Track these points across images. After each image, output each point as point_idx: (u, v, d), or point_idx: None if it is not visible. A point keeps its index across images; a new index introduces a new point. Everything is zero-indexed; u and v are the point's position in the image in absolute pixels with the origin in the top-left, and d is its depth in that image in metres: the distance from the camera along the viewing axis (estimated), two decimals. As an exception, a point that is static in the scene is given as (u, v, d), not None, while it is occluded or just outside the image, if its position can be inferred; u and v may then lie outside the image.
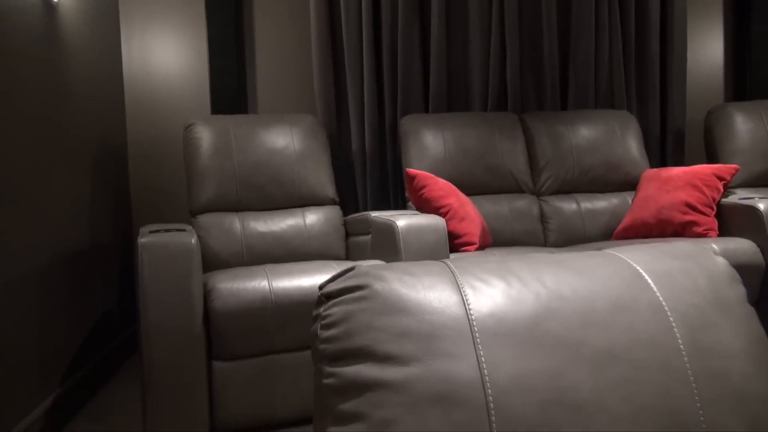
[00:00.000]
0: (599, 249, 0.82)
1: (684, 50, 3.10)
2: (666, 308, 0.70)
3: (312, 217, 2.40)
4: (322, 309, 0.70)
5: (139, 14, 2.86)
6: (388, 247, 1.97)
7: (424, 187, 2.23)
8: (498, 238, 2.53)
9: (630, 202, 2.68)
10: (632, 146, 2.79)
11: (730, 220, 2.33)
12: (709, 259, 0.78)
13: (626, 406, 0.63)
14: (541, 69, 3.00)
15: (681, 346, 0.67)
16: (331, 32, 2.89)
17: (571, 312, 0.68)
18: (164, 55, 2.89)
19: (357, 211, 2.73)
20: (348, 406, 0.64)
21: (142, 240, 1.67)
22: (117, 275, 2.70)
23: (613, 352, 0.66)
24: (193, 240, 1.70)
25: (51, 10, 2.07)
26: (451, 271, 0.72)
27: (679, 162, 3.13)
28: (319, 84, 2.86)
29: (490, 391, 0.62)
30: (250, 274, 1.79)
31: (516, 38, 2.93)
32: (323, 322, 0.69)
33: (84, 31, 2.39)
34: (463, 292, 0.69)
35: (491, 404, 0.61)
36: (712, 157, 2.89)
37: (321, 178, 2.46)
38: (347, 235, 2.48)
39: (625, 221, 2.53)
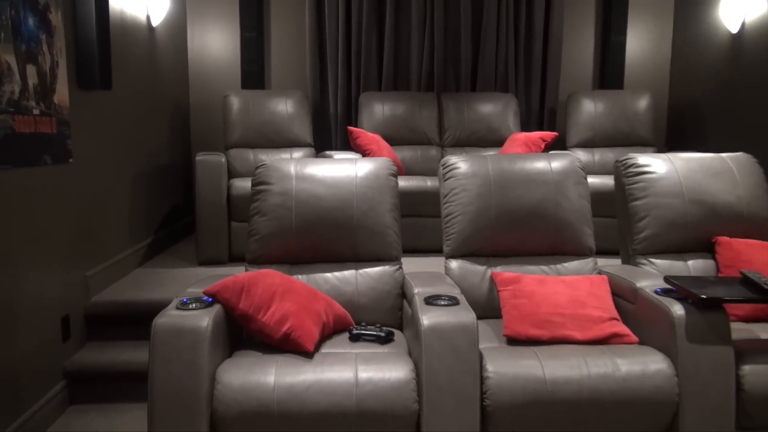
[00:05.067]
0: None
1: (559, 53, 4.51)
2: (356, 176, 2.30)
3: (296, 153, 4.03)
4: (255, 171, 2.35)
5: (198, 24, 4.49)
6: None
7: (357, 137, 3.82)
8: (410, 172, 4.12)
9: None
10: (508, 118, 4.28)
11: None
12: (383, 162, 2.38)
13: (335, 199, 2.25)
14: (459, 62, 4.49)
15: (355, 185, 2.28)
16: (319, 35, 4.45)
17: (329, 173, 2.29)
18: (213, 49, 4.52)
19: (332, 150, 4.34)
20: (256, 197, 2.29)
21: (198, 158, 3.34)
22: (182, 182, 4.42)
23: (333, 184, 2.27)
24: (222, 160, 3.36)
25: (152, 29, 3.71)
26: (296, 162, 2.35)
27: (552, 129, 4.59)
28: (310, 69, 4.44)
29: (294, 192, 2.26)
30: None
31: (442, 41, 4.42)
32: (253, 176, 2.33)
33: (168, 37, 4.03)
34: (295, 167, 2.31)
35: (293, 194, 2.25)
36: (566, 126, 4.36)
37: (302, 130, 4.08)
38: (317, 165, 4.11)
39: (491, 165, 4.06)
